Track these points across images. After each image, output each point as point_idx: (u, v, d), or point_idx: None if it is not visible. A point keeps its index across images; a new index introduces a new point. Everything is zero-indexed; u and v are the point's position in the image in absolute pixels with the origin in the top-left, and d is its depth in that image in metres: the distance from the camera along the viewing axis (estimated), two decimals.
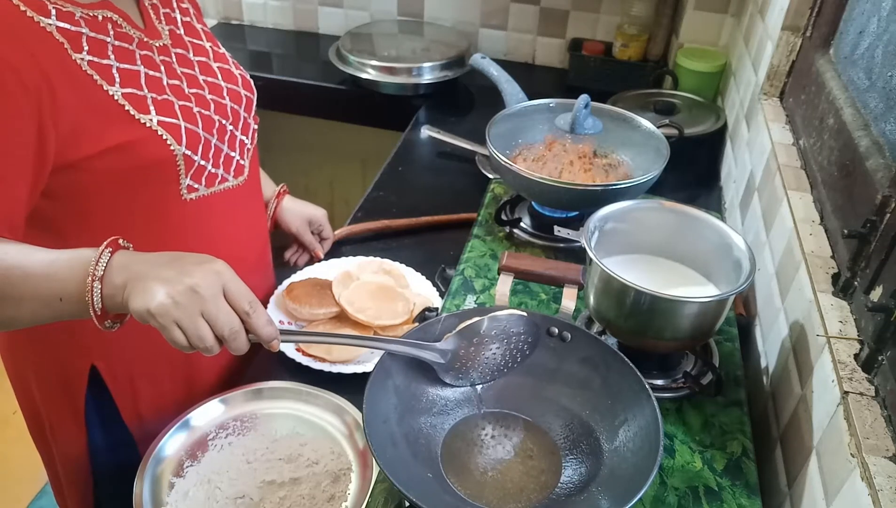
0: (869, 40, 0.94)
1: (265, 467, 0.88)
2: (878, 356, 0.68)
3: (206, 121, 0.91)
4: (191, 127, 0.88)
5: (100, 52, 0.82)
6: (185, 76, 0.91)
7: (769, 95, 1.23)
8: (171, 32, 0.93)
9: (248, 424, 0.93)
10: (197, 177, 0.91)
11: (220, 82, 0.97)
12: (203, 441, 0.91)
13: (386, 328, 1.06)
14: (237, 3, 2.10)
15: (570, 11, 1.86)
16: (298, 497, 0.84)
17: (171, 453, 0.89)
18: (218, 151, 0.94)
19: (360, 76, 1.76)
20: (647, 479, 0.62)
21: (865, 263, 0.75)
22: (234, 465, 0.88)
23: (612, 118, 1.20)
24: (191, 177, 0.90)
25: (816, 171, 0.98)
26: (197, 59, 0.95)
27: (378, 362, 0.73)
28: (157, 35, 0.91)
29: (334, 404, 0.94)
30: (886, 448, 0.62)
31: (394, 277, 1.15)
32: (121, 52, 0.84)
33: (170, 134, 0.85)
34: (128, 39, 0.86)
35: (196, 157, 0.89)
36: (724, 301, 0.83)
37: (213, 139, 0.92)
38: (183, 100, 0.89)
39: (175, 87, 0.89)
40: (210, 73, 0.96)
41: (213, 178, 0.94)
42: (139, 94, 0.84)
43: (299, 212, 1.24)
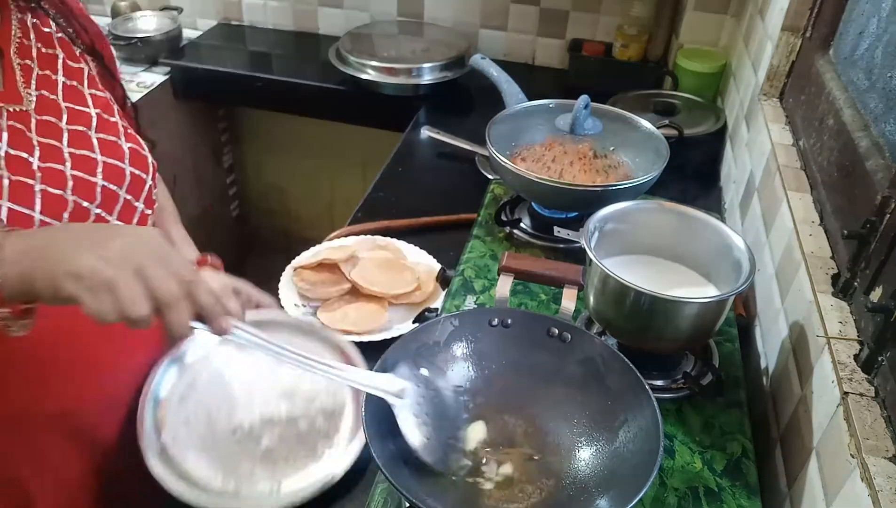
0: (869, 41, 0.94)
1: (264, 401, 0.89)
2: (877, 357, 0.68)
3: (52, 202, 0.72)
4: (20, 209, 0.69)
5: None
6: (42, 147, 0.75)
7: (769, 96, 1.23)
8: (40, 98, 0.78)
9: (245, 355, 0.94)
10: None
11: (96, 156, 0.79)
12: (200, 370, 0.92)
13: (400, 296, 1.09)
14: (237, 4, 2.10)
15: (570, 12, 1.86)
16: (296, 434, 0.86)
17: (170, 381, 0.91)
18: None
19: (360, 77, 1.76)
20: (647, 480, 0.62)
21: (865, 263, 0.75)
22: (233, 397, 0.89)
23: (612, 119, 1.20)
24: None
25: (816, 171, 0.98)
26: (70, 127, 0.79)
27: (379, 360, 0.73)
28: (17, 99, 0.76)
29: (332, 340, 0.96)
30: (886, 449, 0.62)
31: (391, 251, 1.18)
32: None
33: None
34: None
35: None
36: (723, 302, 0.83)
37: (58, 225, 0.72)
38: (22, 175, 0.71)
39: (16, 159, 0.72)
40: (84, 144, 0.79)
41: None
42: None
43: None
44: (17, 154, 0.72)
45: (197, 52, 2.01)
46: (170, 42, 1.96)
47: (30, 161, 0.73)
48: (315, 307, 1.08)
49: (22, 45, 0.80)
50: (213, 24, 2.15)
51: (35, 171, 0.73)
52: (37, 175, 0.72)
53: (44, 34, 0.83)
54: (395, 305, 1.09)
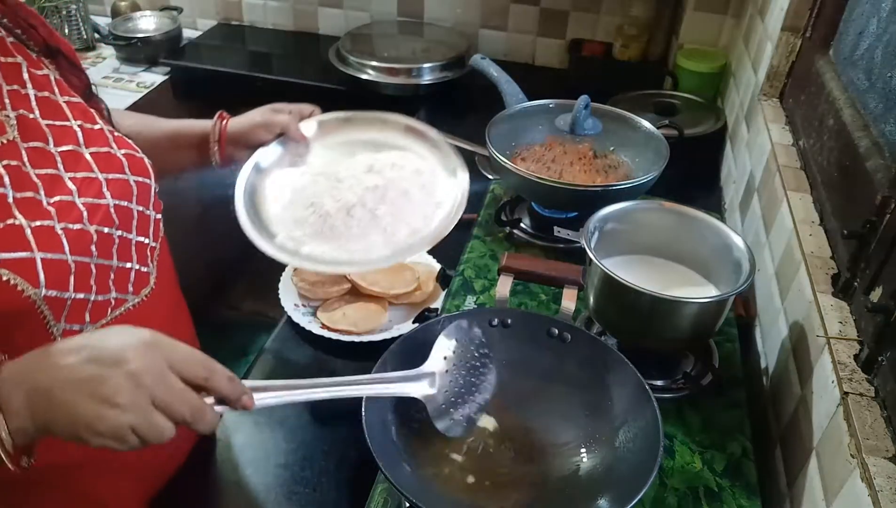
0: (868, 41, 0.94)
1: (355, 179, 0.94)
2: (877, 357, 0.68)
3: (77, 239, 0.69)
4: (52, 257, 0.65)
5: None
6: (44, 180, 0.69)
7: (769, 96, 1.23)
8: (20, 121, 0.69)
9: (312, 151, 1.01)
10: (76, 316, 0.69)
11: (97, 175, 0.73)
12: (294, 160, 0.99)
13: (400, 296, 1.09)
14: (237, 4, 2.10)
15: (570, 12, 1.86)
16: (400, 195, 0.92)
17: (269, 164, 0.98)
18: (104, 271, 0.72)
19: (360, 77, 1.76)
20: (647, 480, 0.62)
21: (865, 263, 0.75)
22: (329, 184, 0.94)
23: (612, 119, 1.20)
24: (66, 320, 0.68)
25: (816, 172, 0.98)
26: (60, 149, 0.72)
27: (379, 361, 0.73)
28: (1, 128, 0.68)
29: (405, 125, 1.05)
30: (886, 449, 0.62)
31: None
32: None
33: (19, 275, 0.62)
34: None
35: (68, 293, 0.67)
36: (723, 302, 0.83)
37: (91, 260, 0.70)
38: (39, 218, 0.66)
39: (26, 202, 0.66)
40: (80, 165, 0.73)
41: (102, 307, 0.72)
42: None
43: (246, 118, 1.04)
44: (24, 196, 0.66)
45: (197, 52, 2.01)
46: (170, 42, 1.96)
47: (38, 199, 0.67)
48: (315, 307, 1.08)
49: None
50: (213, 24, 2.15)
51: (48, 209, 0.67)
52: (52, 213, 0.67)
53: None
54: (395, 305, 1.09)
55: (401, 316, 1.07)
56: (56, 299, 0.66)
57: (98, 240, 0.71)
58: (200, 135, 0.98)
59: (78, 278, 0.68)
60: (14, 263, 0.62)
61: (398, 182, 0.92)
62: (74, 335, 0.62)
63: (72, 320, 0.69)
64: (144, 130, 0.96)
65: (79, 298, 0.68)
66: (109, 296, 0.73)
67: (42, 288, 0.64)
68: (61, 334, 0.67)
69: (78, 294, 0.68)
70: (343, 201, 0.90)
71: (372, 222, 0.88)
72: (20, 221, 0.64)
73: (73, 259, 0.67)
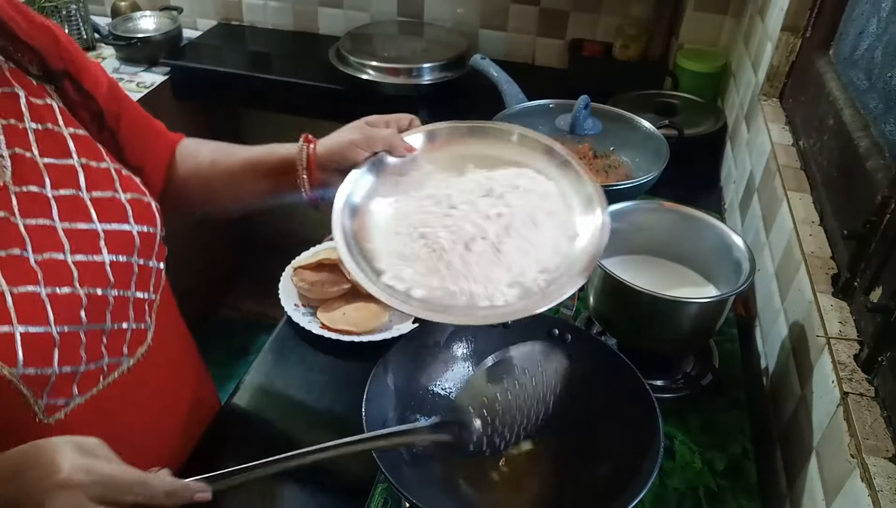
0: (868, 41, 0.94)
1: (468, 202, 0.76)
2: (877, 357, 0.68)
3: (64, 305, 0.62)
4: (34, 330, 0.59)
5: None
6: (33, 233, 0.62)
7: (769, 96, 1.23)
8: (15, 160, 0.63)
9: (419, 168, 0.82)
10: (61, 390, 0.63)
11: (96, 226, 0.67)
12: (397, 180, 0.81)
13: None
14: (237, 4, 2.10)
15: (570, 12, 1.86)
16: (522, 220, 0.73)
17: (369, 187, 0.80)
18: (95, 337, 0.66)
19: (360, 77, 1.76)
20: (648, 480, 0.62)
21: (865, 263, 0.75)
22: (441, 211, 0.76)
23: (612, 119, 1.20)
24: (49, 395, 0.62)
25: (816, 172, 0.98)
26: (57, 193, 0.65)
27: (379, 361, 0.73)
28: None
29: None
30: (886, 449, 0.62)
31: None
32: None
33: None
34: None
35: (50, 369, 0.61)
36: (723, 302, 0.83)
37: (80, 328, 0.64)
38: (22, 282, 0.60)
39: (10, 261, 0.60)
40: (79, 214, 0.66)
41: (93, 377, 0.67)
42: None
43: (337, 137, 0.85)
44: (9, 253, 0.60)
45: (197, 52, 2.01)
46: (170, 42, 1.96)
47: (24, 257, 0.61)
48: (315, 307, 1.08)
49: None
50: (213, 24, 2.15)
51: (34, 269, 0.61)
52: (38, 275, 0.61)
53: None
54: None
55: (401, 316, 1.07)
56: (36, 376, 0.60)
57: (89, 304, 0.65)
58: (282, 160, 0.84)
59: (64, 351, 0.62)
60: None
61: (523, 209, 0.75)
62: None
63: (56, 394, 0.63)
64: (221, 159, 0.88)
65: (65, 372, 0.63)
66: (102, 363, 0.68)
67: (19, 366, 0.58)
68: (44, 410, 0.62)
69: (64, 368, 0.62)
70: (460, 233, 0.72)
71: (495, 258, 0.72)
72: (1, 286, 0.59)
73: (58, 330, 0.61)
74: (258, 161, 0.86)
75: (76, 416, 0.65)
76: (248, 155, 0.88)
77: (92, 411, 0.67)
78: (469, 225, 0.73)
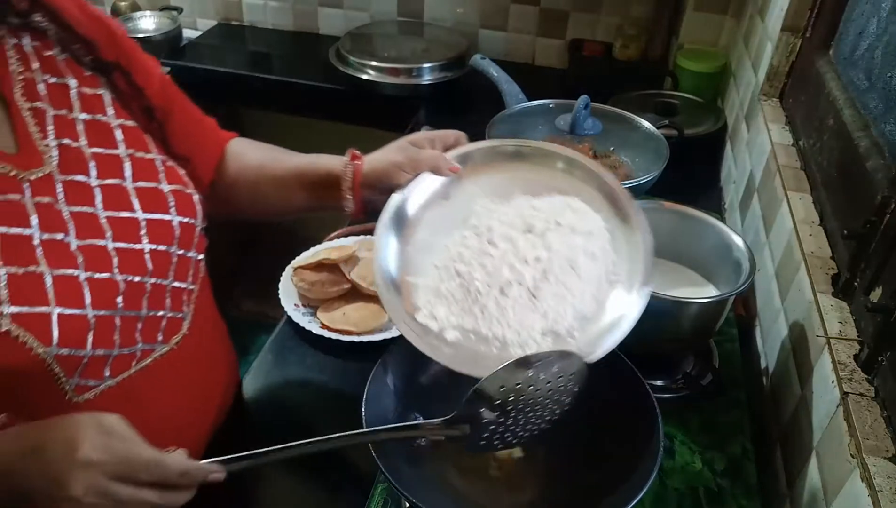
0: (868, 41, 0.94)
1: (508, 241, 0.73)
2: (877, 357, 0.68)
3: (101, 290, 0.64)
4: (70, 312, 0.61)
5: None
6: (77, 219, 0.64)
7: (769, 96, 1.23)
8: (62, 150, 0.65)
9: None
10: (93, 372, 0.65)
11: (137, 215, 0.69)
12: (441, 204, 0.79)
13: None
14: (237, 4, 2.10)
15: (569, 12, 1.86)
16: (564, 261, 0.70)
17: (414, 213, 0.78)
18: (129, 323, 0.67)
19: (360, 77, 1.76)
20: (647, 480, 0.62)
21: (865, 263, 0.75)
22: (480, 246, 0.73)
23: (612, 119, 1.20)
24: (80, 375, 0.64)
25: (816, 172, 0.98)
26: (102, 182, 0.67)
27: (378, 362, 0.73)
28: (37, 160, 0.63)
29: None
30: (886, 449, 0.62)
31: None
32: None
33: (30, 332, 0.58)
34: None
35: (84, 351, 0.63)
36: (723, 302, 0.83)
37: (115, 313, 0.65)
38: (63, 266, 0.62)
39: (52, 245, 0.62)
40: (121, 202, 0.68)
41: (125, 360, 0.68)
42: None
43: (381, 157, 0.83)
44: (52, 237, 0.62)
45: (197, 52, 2.01)
46: (170, 42, 1.96)
47: (66, 242, 0.63)
48: (315, 307, 1.08)
49: (27, 81, 0.65)
50: (213, 24, 2.15)
51: (74, 254, 0.63)
52: (78, 259, 0.63)
53: (47, 59, 0.67)
54: None
55: None
56: (69, 357, 0.62)
57: (126, 290, 0.66)
58: (328, 175, 0.84)
59: (98, 334, 0.64)
60: (26, 317, 0.58)
61: (564, 253, 0.72)
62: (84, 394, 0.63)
63: (87, 375, 0.65)
64: (269, 164, 0.89)
65: (98, 355, 0.64)
66: (135, 348, 0.69)
67: (53, 346, 0.60)
68: (74, 389, 0.64)
69: (97, 351, 0.64)
70: (496, 277, 0.70)
71: (530, 304, 0.70)
72: (42, 268, 0.60)
73: (93, 314, 0.63)
74: (304, 172, 0.86)
75: (106, 397, 0.67)
76: (296, 164, 0.88)
77: (122, 393, 0.68)
78: (506, 269, 0.71)
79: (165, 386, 0.74)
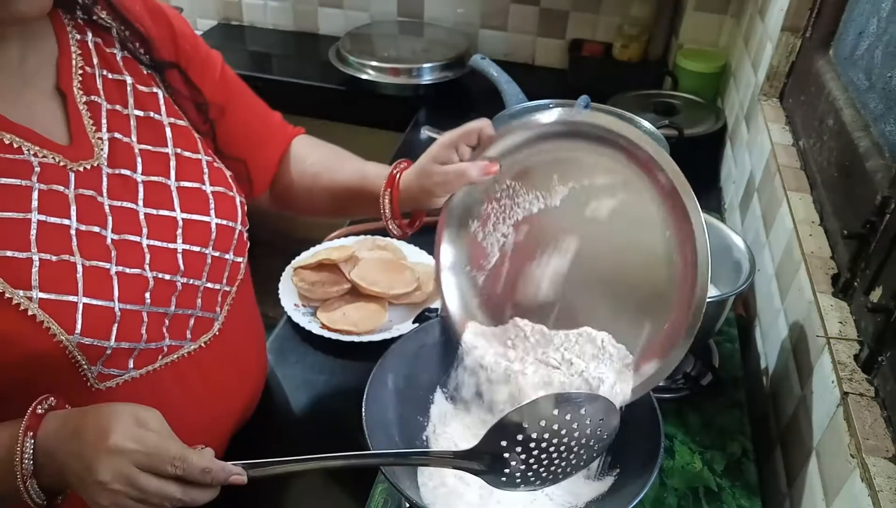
0: (868, 41, 0.94)
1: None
2: (877, 357, 0.68)
3: (130, 285, 0.65)
4: (97, 303, 0.62)
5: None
6: (116, 213, 0.65)
7: (769, 96, 1.23)
8: (112, 144, 0.66)
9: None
10: (117, 362, 0.66)
11: (176, 214, 0.69)
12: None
13: (400, 296, 1.08)
14: (237, 4, 2.10)
15: (569, 12, 1.86)
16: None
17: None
18: (157, 318, 0.68)
19: (360, 77, 1.76)
20: (648, 480, 0.62)
21: (865, 264, 0.75)
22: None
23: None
24: (103, 364, 0.65)
25: (816, 172, 0.98)
26: (146, 178, 0.68)
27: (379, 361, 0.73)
28: (88, 152, 0.65)
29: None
30: (886, 449, 0.62)
31: (391, 251, 1.18)
32: (5, 191, 0.59)
33: (54, 319, 0.59)
34: (22, 170, 0.60)
35: (108, 342, 0.63)
36: (723, 302, 0.83)
37: (143, 308, 0.66)
38: (96, 257, 0.63)
39: (88, 236, 0.63)
40: (162, 201, 0.69)
41: (151, 354, 0.69)
42: (19, 257, 0.59)
43: (412, 182, 0.78)
44: (89, 229, 0.63)
45: None
46: None
47: (102, 235, 0.64)
48: (315, 307, 1.08)
49: (86, 75, 0.67)
50: (213, 24, 2.15)
51: (109, 247, 0.64)
52: (111, 253, 0.64)
53: (107, 56, 0.69)
54: (395, 305, 1.09)
55: (401, 316, 1.07)
56: (92, 346, 0.62)
57: (155, 287, 0.67)
58: (372, 197, 0.82)
59: (123, 327, 0.64)
60: (54, 304, 0.59)
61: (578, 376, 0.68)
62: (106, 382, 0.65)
63: (111, 365, 0.66)
64: (324, 175, 0.88)
65: (122, 347, 0.65)
66: (162, 343, 0.69)
67: (76, 335, 0.61)
68: (96, 377, 0.65)
69: (122, 343, 0.64)
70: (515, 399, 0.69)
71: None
72: (75, 257, 0.61)
73: (120, 307, 0.64)
74: (353, 191, 0.86)
75: (128, 387, 0.68)
76: (346, 180, 0.87)
77: (145, 385, 0.69)
78: (530, 389, 0.69)
79: (190, 383, 0.74)
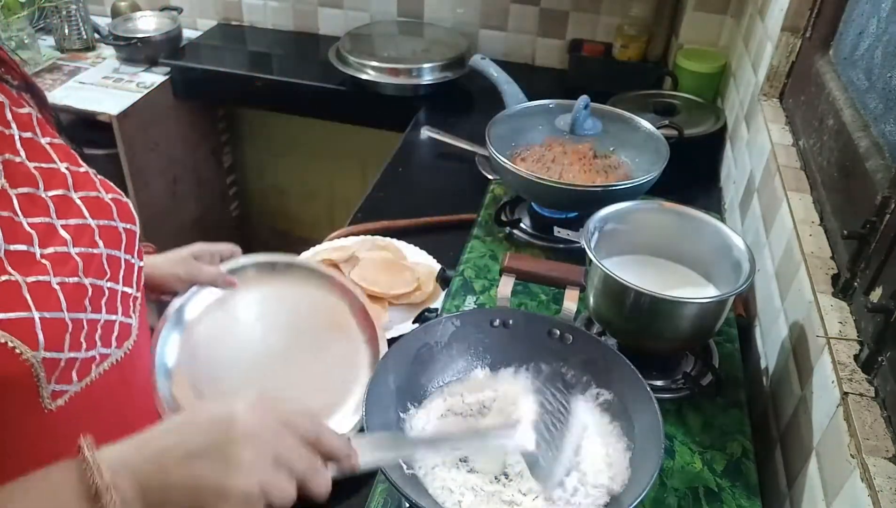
0: (868, 41, 0.94)
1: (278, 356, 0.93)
2: (877, 357, 0.68)
3: (73, 293, 0.65)
4: (50, 315, 0.61)
5: None
6: (38, 230, 0.64)
7: (769, 96, 1.23)
8: (6, 165, 0.64)
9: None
10: (64, 376, 0.65)
11: (89, 221, 0.69)
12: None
13: (400, 296, 1.08)
14: (237, 4, 2.10)
15: (569, 12, 1.86)
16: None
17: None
18: (93, 326, 0.67)
19: (360, 77, 1.76)
20: (648, 481, 0.62)
21: (865, 264, 0.75)
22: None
23: (612, 119, 1.20)
24: (56, 381, 0.63)
25: (816, 172, 0.98)
26: (51, 193, 0.66)
27: (379, 363, 0.73)
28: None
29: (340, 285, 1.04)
30: (886, 449, 0.62)
31: (391, 251, 1.18)
32: None
33: (18, 338, 0.58)
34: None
35: (63, 353, 0.62)
36: (723, 302, 0.83)
37: (84, 315, 0.66)
38: (34, 273, 0.61)
39: (19, 256, 0.61)
40: (72, 211, 0.68)
41: (87, 364, 0.68)
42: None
43: (163, 266, 0.98)
44: (17, 249, 0.62)
45: (197, 52, 2.01)
46: (170, 42, 1.96)
47: (31, 252, 0.63)
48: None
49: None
50: (213, 24, 2.15)
51: (42, 263, 0.63)
52: (47, 267, 0.63)
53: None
54: (395, 305, 1.09)
55: (401, 316, 1.07)
56: (52, 360, 0.61)
57: (92, 294, 0.66)
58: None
59: (73, 337, 0.63)
60: (13, 324, 0.58)
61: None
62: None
63: (61, 380, 0.64)
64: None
65: (71, 357, 0.64)
66: (94, 352, 0.68)
67: (41, 350, 0.60)
68: (50, 395, 0.63)
69: (71, 353, 0.64)
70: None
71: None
72: (15, 276, 0.60)
73: (69, 316, 0.63)
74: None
75: (73, 404, 0.66)
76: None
77: (87, 399, 0.68)
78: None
79: (124, 394, 0.74)
